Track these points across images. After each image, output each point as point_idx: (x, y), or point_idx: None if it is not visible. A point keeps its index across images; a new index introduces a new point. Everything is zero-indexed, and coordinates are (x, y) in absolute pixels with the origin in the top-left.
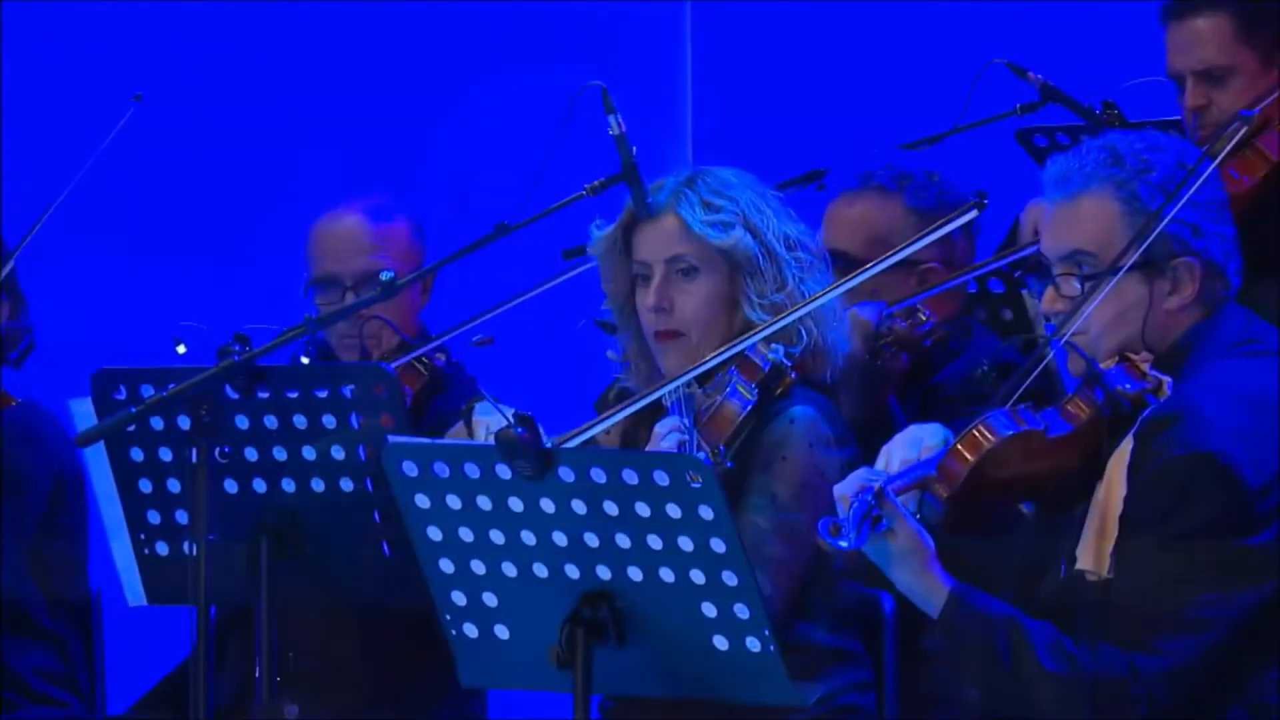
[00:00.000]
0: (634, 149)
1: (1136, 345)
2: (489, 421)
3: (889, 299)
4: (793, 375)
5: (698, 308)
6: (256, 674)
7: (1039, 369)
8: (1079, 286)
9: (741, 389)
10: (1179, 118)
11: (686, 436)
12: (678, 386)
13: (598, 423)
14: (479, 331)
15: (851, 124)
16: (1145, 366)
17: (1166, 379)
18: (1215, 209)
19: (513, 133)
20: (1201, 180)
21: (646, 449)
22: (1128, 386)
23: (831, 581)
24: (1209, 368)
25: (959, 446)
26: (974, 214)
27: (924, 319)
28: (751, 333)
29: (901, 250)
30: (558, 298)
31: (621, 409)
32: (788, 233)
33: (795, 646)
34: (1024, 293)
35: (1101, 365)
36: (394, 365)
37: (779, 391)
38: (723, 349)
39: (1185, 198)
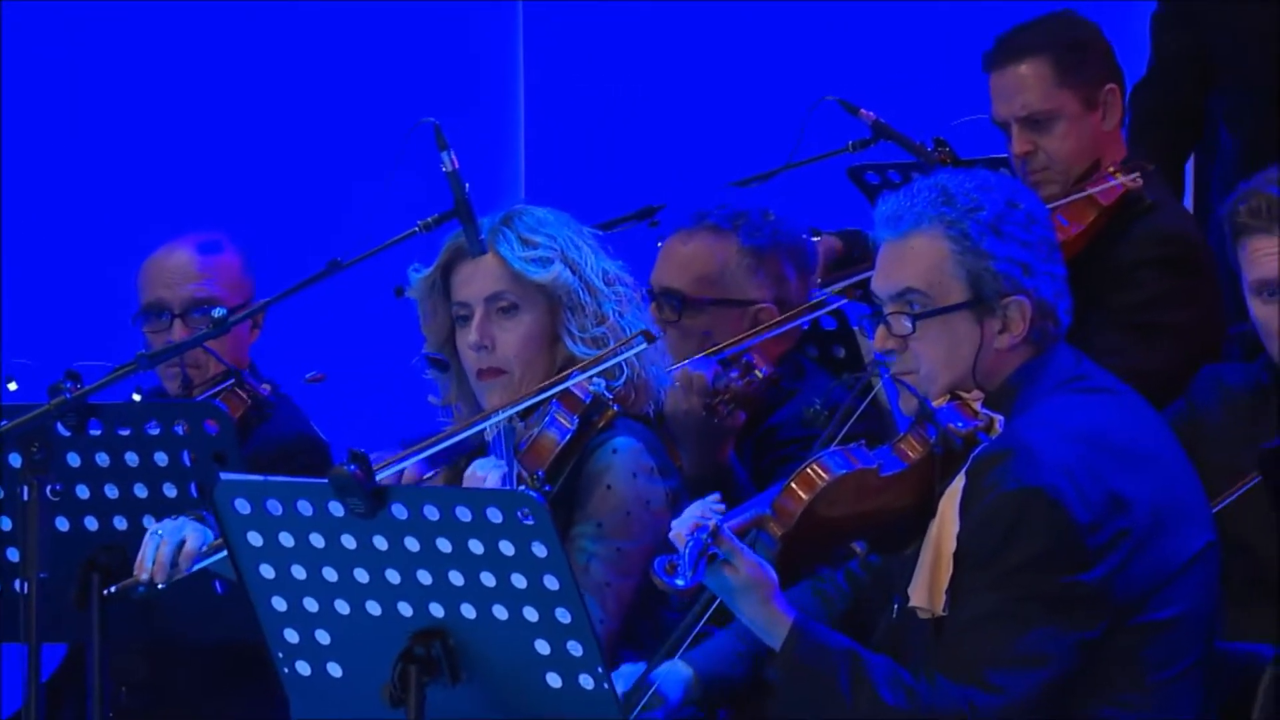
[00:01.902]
0: (467, 185)
1: (967, 384)
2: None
3: (721, 339)
4: (615, 408)
5: (519, 345)
6: (88, 711)
7: (862, 407)
8: (910, 325)
9: (560, 418)
10: (1009, 156)
11: (507, 469)
12: (498, 421)
13: (411, 453)
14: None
15: (684, 160)
16: (976, 405)
17: (998, 417)
18: (1046, 249)
19: (345, 168)
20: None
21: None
22: (960, 425)
23: (659, 614)
24: (1039, 405)
25: (793, 485)
26: (644, 345)
27: (759, 375)
28: (576, 368)
29: (567, 380)
30: (391, 334)
31: (440, 440)
32: (605, 268)
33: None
34: (856, 329)
35: (933, 404)
36: (213, 393)
37: (601, 424)
38: (545, 385)
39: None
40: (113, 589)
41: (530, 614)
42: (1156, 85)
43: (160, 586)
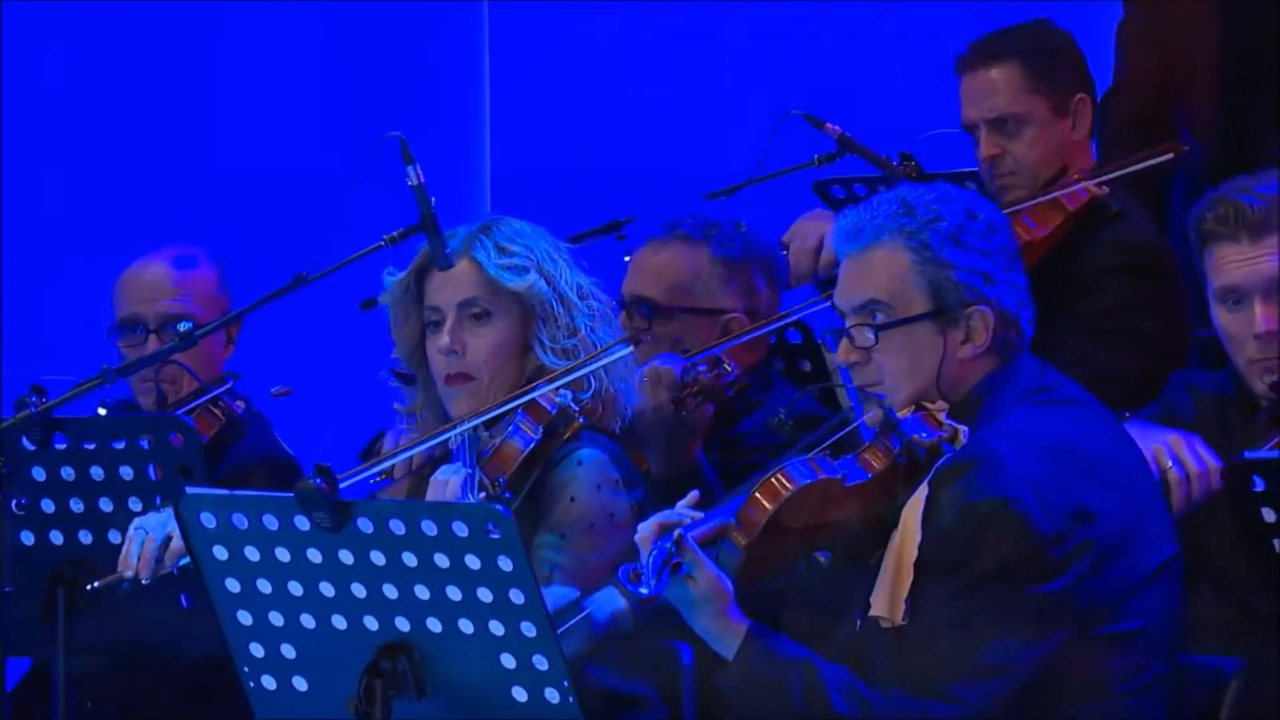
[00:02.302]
0: (433, 199)
1: (931, 394)
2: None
3: (692, 348)
4: (580, 420)
5: (489, 351)
6: None
7: (837, 436)
8: (873, 337)
9: (524, 427)
10: (976, 169)
11: (470, 471)
12: (464, 430)
13: (381, 462)
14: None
15: (650, 174)
16: (941, 415)
17: (962, 427)
18: (1006, 258)
19: (310, 182)
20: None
21: (426, 497)
22: (924, 435)
23: None
24: (1004, 416)
25: (757, 495)
26: (628, 350)
27: (728, 369)
28: (544, 379)
29: (534, 390)
30: (358, 347)
31: (408, 449)
32: (579, 282)
33: (588, 692)
34: (821, 343)
35: (898, 414)
36: (188, 409)
37: (566, 435)
38: (513, 394)
39: None
40: (96, 584)
41: (496, 628)
42: (1124, 94)
43: (145, 583)
